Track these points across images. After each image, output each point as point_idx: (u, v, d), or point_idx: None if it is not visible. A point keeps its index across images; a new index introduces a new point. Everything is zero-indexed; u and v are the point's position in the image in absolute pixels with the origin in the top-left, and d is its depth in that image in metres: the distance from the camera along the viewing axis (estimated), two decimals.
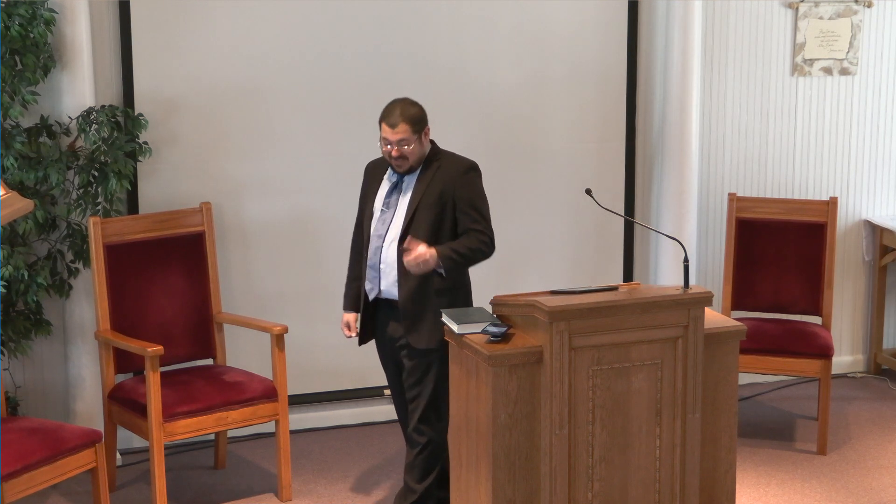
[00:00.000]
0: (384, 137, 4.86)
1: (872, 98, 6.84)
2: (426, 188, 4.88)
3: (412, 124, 4.85)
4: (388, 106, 4.90)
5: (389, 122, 4.84)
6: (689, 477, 4.54)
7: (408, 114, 4.86)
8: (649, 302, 4.42)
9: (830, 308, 6.19)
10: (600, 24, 6.41)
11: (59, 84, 5.60)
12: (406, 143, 4.84)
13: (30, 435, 4.91)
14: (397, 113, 4.84)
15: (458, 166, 4.95)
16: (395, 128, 4.83)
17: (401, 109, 4.86)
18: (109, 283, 5.50)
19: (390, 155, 4.87)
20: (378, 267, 4.93)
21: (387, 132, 4.84)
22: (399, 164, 4.89)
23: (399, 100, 4.91)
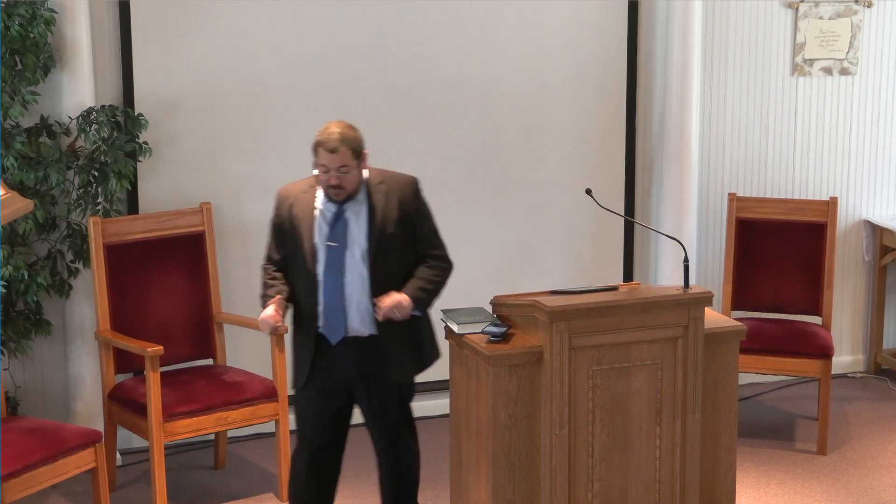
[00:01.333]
0: (322, 164, 4.44)
1: (872, 98, 6.84)
2: (384, 214, 4.52)
3: (352, 149, 4.45)
4: (323, 131, 4.48)
5: (328, 146, 4.43)
6: (689, 477, 4.54)
7: (348, 138, 4.45)
8: (649, 302, 4.42)
9: (830, 308, 6.19)
10: (600, 24, 6.41)
11: (59, 84, 5.60)
12: (347, 170, 4.44)
13: (30, 435, 4.91)
14: (336, 137, 4.43)
15: (407, 186, 4.60)
16: (335, 153, 4.42)
17: (339, 133, 4.45)
18: (109, 283, 5.50)
19: (328, 183, 4.46)
20: (342, 307, 4.52)
21: (325, 158, 4.43)
22: (336, 193, 4.48)
23: (336, 123, 4.51)
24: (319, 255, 4.53)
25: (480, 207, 6.38)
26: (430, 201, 6.29)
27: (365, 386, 4.62)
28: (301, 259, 4.56)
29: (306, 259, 4.54)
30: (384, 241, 4.52)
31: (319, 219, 4.54)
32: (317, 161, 4.47)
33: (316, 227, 4.54)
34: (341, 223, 4.52)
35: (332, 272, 4.52)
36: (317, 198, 4.56)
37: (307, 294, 4.57)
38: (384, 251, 4.52)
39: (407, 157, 6.24)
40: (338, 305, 4.53)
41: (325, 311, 4.54)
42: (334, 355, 4.59)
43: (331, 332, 4.56)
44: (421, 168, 6.23)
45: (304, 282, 4.57)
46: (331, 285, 4.52)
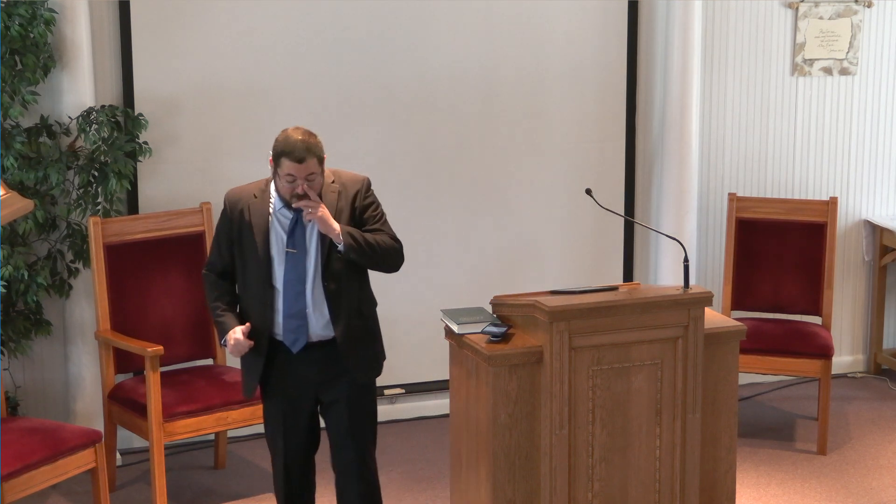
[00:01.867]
0: (288, 174, 4.27)
1: (872, 98, 6.84)
2: (336, 213, 4.39)
3: (318, 156, 4.30)
4: (286, 140, 4.30)
5: (295, 156, 4.26)
6: (689, 477, 4.54)
7: (312, 145, 4.29)
8: (649, 302, 4.42)
9: (830, 308, 6.19)
10: (600, 24, 6.41)
11: (59, 84, 5.60)
12: (313, 178, 4.30)
13: (30, 435, 4.91)
14: (301, 146, 4.26)
15: (356, 183, 4.47)
16: (303, 162, 4.26)
17: (303, 142, 4.28)
18: (109, 283, 5.50)
19: (294, 192, 4.29)
20: (304, 313, 4.38)
21: (292, 168, 4.26)
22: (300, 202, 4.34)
23: (295, 130, 4.34)
24: (276, 263, 4.39)
25: (480, 207, 6.37)
26: (430, 201, 6.33)
27: (330, 391, 4.49)
28: (255, 267, 4.41)
29: (261, 267, 4.39)
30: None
31: (276, 225, 4.39)
32: (281, 171, 4.29)
33: (273, 235, 4.39)
34: (299, 228, 4.38)
35: (293, 279, 4.37)
36: (271, 203, 4.41)
37: (260, 302, 4.41)
38: (336, 250, 4.37)
39: (406, 157, 6.25)
40: (299, 312, 4.39)
41: (286, 319, 4.40)
42: (295, 362, 4.45)
43: (292, 340, 4.42)
44: (421, 168, 6.25)
45: (256, 290, 4.42)
46: (292, 293, 4.38)
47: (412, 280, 6.27)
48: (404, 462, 5.85)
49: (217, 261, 4.53)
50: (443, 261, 6.34)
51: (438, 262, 6.34)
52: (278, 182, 4.34)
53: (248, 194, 4.45)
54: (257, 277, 4.41)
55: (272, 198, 4.41)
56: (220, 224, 4.50)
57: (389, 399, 6.33)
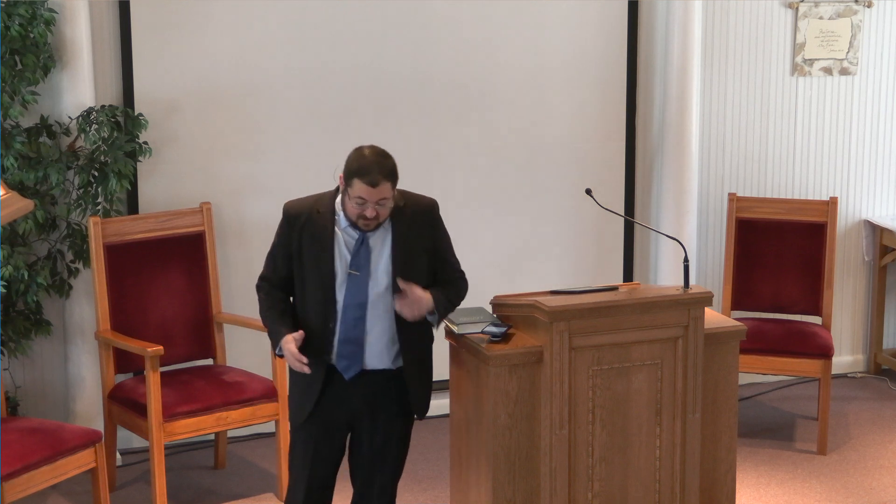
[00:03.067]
0: (359, 196, 4.06)
1: (872, 98, 6.84)
2: (406, 240, 4.20)
3: (392, 180, 4.10)
4: (359, 158, 4.09)
5: (369, 180, 4.04)
6: (689, 477, 4.54)
7: (387, 168, 4.08)
8: (649, 302, 4.42)
9: (830, 308, 6.19)
10: (600, 24, 6.41)
11: (59, 84, 5.60)
12: (384, 203, 4.11)
13: (30, 435, 4.91)
14: (376, 169, 4.05)
15: (426, 208, 4.30)
16: (376, 186, 4.05)
17: (378, 164, 4.07)
18: (109, 283, 5.50)
19: (363, 214, 4.10)
20: (362, 340, 4.19)
21: (364, 191, 4.05)
22: (368, 224, 4.14)
23: (369, 149, 4.13)
24: (339, 284, 4.18)
25: (480, 207, 6.37)
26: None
27: (371, 421, 4.31)
28: (317, 285, 4.20)
29: (325, 287, 4.18)
30: (409, 269, 4.20)
31: (340, 243, 4.19)
32: (351, 192, 4.08)
33: (337, 253, 4.18)
34: (364, 250, 4.18)
35: (353, 303, 4.17)
36: (336, 220, 4.20)
37: (320, 323, 4.21)
38: (409, 279, 4.19)
39: (406, 158, 6.22)
40: (356, 338, 4.20)
41: (341, 343, 4.21)
42: (345, 388, 4.26)
43: (346, 366, 4.23)
44: (420, 168, 6.25)
45: (317, 310, 4.21)
46: (351, 317, 4.18)
47: None
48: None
49: (272, 275, 4.30)
50: None
51: None
52: (347, 202, 4.12)
53: (311, 208, 4.23)
54: (319, 296, 4.19)
55: (337, 214, 4.19)
56: (279, 237, 4.26)
57: None
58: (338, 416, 4.30)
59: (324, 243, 4.18)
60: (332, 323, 4.20)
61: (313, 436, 4.31)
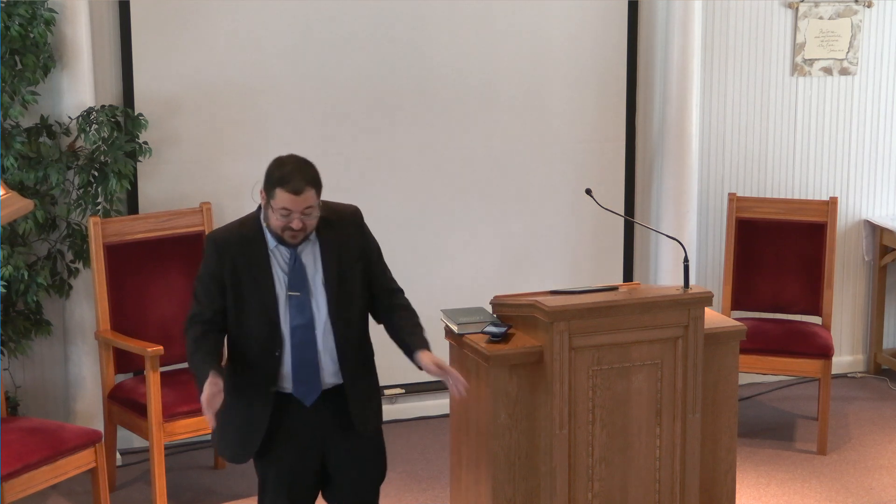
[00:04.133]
0: (283, 207, 3.85)
1: (872, 98, 6.84)
2: (335, 251, 3.99)
3: (316, 187, 3.90)
4: (279, 168, 3.90)
5: (292, 187, 3.84)
6: (689, 477, 4.54)
7: (310, 175, 3.89)
8: (649, 302, 4.42)
9: (830, 308, 6.19)
10: (600, 24, 6.41)
11: (59, 84, 5.60)
12: (310, 211, 3.89)
13: (30, 435, 4.91)
14: (298, 176, 3.85)
15: (350, 215, 4.08)
16: (300, 194, 3.84)
17: (300, 171, 3.88)
18: (109, 283, 5.50)
19: (289, 226, 3.88)
20: (316, 361, 3.98)
21: (288, 201, 3.84)
22: (295, 236, 3.91)
23: (288, 157, 3.94)
24: (282, 308, 3.96)
25: (480, 207, 6.37)
26: (430, 201, 6.33)
27: (344, 439, 4.09)
28: (259, 313, 3.96)
29: (268, 313, 3.95)
30: (343, 281, 4.00)
31: (277, 266, 3.97)
32: (274, 203, 3.87)
33: (275, 272, 3.96)
34: (299, 268, 3.97)
35: (300, 325, 3.96)
36: (267, 240, 3.98)
37: (265, 353, 3.97)
38: (344, 293, 4.00)
39: (407, 157, 6.25)
40: (310, 360, 3.97)
41: (296, 369, 3.97)
42: (306, 415, 4.02)
43: (304, 392, 3.99)
44: (421, 168, 6.25)
45: (261, 339, 3.96)
46: (300, 340, 3.96)
47: (412, 280, 6.25)
48: (404, 462, 5.85)
49: (205, 309, 3.99)
50: (443, 261, 6.34)
51: (438, 262, 6.34)
52: (271, 216, 3.91)
53: (238, 233, 4.00)
54: (262, 323, 3.96)
55: (266, 235, 3.98)
56: (207, 269, 3.99)
57: (389, 399, 6.33)
58: (306, 443, 4.04)
59: (260, 268, 3.96)
60: (279, 350, 3.96)
61: (286, 472, 4.06)
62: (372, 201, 6.21)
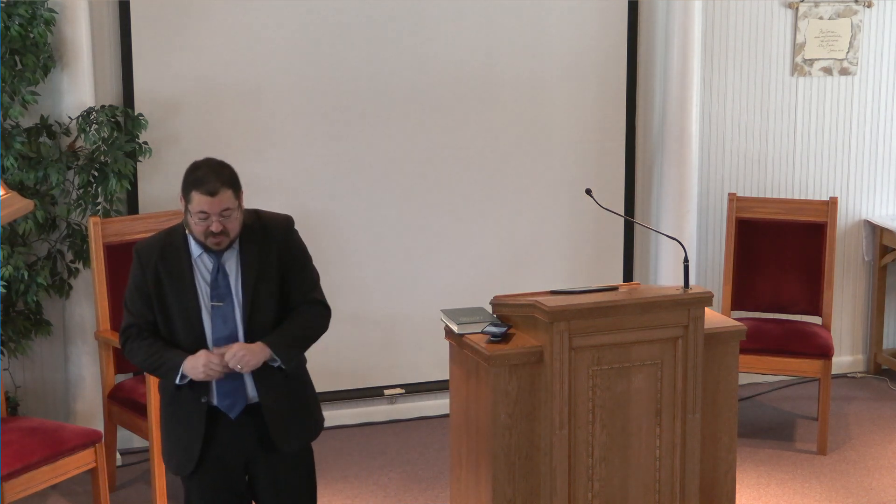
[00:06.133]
0: (201, 211, 3.78)
1: (872, 98, 6.84)
2: (260, 261, 3.91)
3: (233, 187, 3.82)
4: (193, 171, 3.83)
5: (206, 189, 3.77)
6: (689, 477, 4.54)
7: (225, 175, 3.81)
8: (649, 302, 4.42)
9: (830, 308, 6.19)
10: (600, 24, 6.41)
11: (59, 84, 5.60)
12: (229, 213, 3.81)
13: (30, 435, 4.91)
14: (213, 177, 3.78)
15: (281, 226, 3.99)
16: (215, 195, 3.77)
17: (214, 172, 3.80)
18: (109, 283, 5.50)
19: (209, 232, 3.81)
20: (240, 374, 3.90)
21: (204, 203, 3.77)
22: (219, 242, 3.84)
23: (203, 161, 3.87)
24: (205, 318, 3.89)
25: (480, 207, 6.37)
26: (430, 201, 6.32)
27: (267, 460, 4.01)
28: (182, 324, 3.89)
29: (191, 323, 3.88)
30: (260, 290, 3.91)
31: (199, 275, 3.90)
32: (192, 207, 3.81)
33: (198, 286, 3.89)
34: (222, 277, 3.89)
35: (223, 336, 3.88)
36: (190, 248, 3.91)
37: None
38: (261, 302, 3.91)
39: (406, 157, 6.25)
40: (234, 374, 3.88)
41: (219, 381, 3.88)
42: (234, 428, 3.95)
43: (230, 404, 3.92)
44: (421, 168, 6.25)
45: (188, 349, 3.88)
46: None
47: (412, 280, 6.27)
48: (404, 462, 5.85)
49: (137, 320, 3.93)
50: (443, 261, 6.34)
51: (438, 262, 6.34)
52: (190, 221, 3.85)
53: (162, 243, 3.93)
54: (186, 336, 3.90)
55: (190, 243, 3.91)
56: (133, 280, 3.94)
57: (389, 399, 6.33)
58: (232, 459, 3.98)
59: (182, 278, 3.88)
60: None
61: (211, 488, 3.99)
62: (371, 201, 6.22)
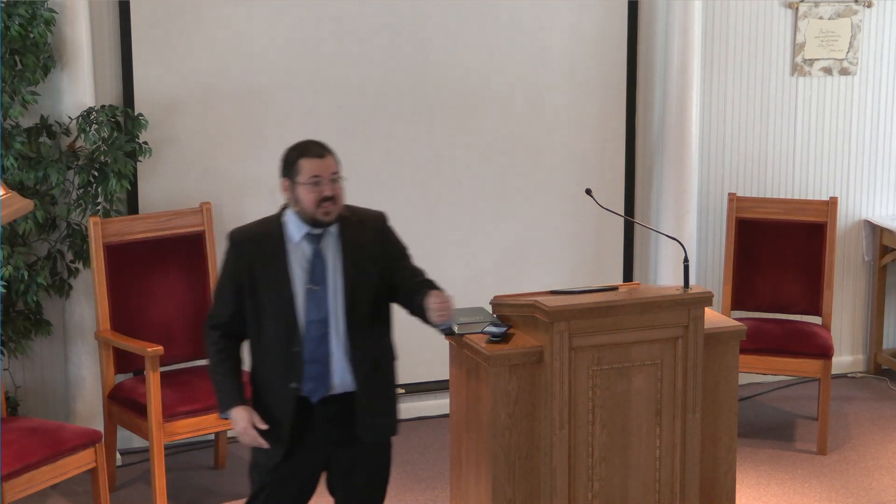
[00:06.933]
0: (313, 176, 3.88)
1: (872, 98, 6.84)
2: (360, 249, 3.98)
3: (335, 156, 3.96)
4: (295, 147, 3.97)
5: (315, 152, 3.91)
6: (689, 477, 4.54)
7: (327, 146, 3.95)
8: (649, 302, 4.42)
9: (830, 308, 6.19)
10: (600, 24, 6.41)
11: (59, 84, 5.60)
12: (337, 177, 3.92)
13: (30, 435, 4.91)
14: (316, 145, 3.94)
15: (376, 219, 4.08)
16: (324, 157, 3.90)
17: (315, 142, 3.96)
18: (109, 283, 5.50)
19: (321, 197, 3.89)
20: (327, 359, 3.94)
21: (315, 166, 3.89)
22: (328, 211, 3.91)
23: (299, 142, 4.01)
24: (299, 303, 3.93)
25: (480, 207, 6.38)
26: (430, 201, 6.33)
27: (348, 454, 4.05)
28: (276, 309, 3.94)
29: (285, 308, 3.92)
30: (361, 279, 3.97)
31: (294, 261, 3.95)
32: (301, 177, 3.90)
33: (292, 271, 3.94)
34: (319, 263, 3.94)
35: (315, 319, 3.93)
36: (287, 237, 3.97)
37: (285, 349, 3.95)
38: (362, 291, 3.97)
39: (406, 157, 6.25)
40: (321, 358, 3.94)
41: (307, 365, 3.94)
42: (315, 419, 3.99)
43: (312, 388, 3.95)
44: (420, 168, 6.25)
45: (279, 336, 3.95)
46: (314, 335, 3.94)
47: None
48: (404, 462, 5.85)
49: (222, 309, 4.01)
50: (443, 261, 6.34)
51: (438, 261, 6.33)
52: (301, 193, 3.92)
53: (258, 231, 4.00)
54: (280, 319, 3.94)
55: (287, 230, 3.98)
56: (226, 266, 4.00)
57: None
58: (312, 454, 4.03)
59: (278, 263, 3.93)
60: (298, 346, 3.93)
61: (284, 473, 4.03)
62: (371, 201, 6.21)
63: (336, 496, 4.16)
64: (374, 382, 4.02)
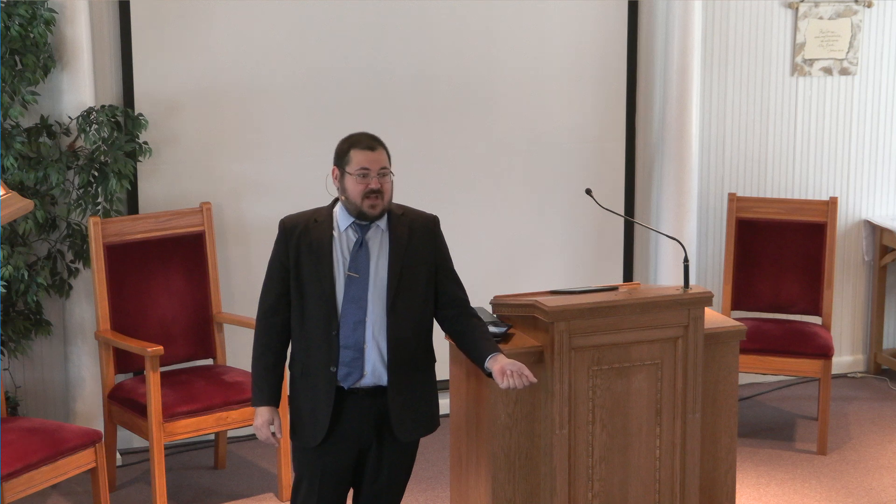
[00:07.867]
0: (361, 168, 3.97)
1: (872, 98, 6.84)
2: (406, 246, 4.06)
3: (387, 150, 4.04)
4: (348, 138, 4.06)
5: (366, 145, 4.00)
6: (689, 477, 4.54)
7: (379, 139, 4.04)
8: (649, 302, 4.42)
9: (830, 308, 6.19)
10: (600, 24, 6.41)
11: (59, 84, 5.60)
12: (385, 172, 4.01)
13: (30, 435, 4.91)
14: (368, 138, 4.03)
15: (428, 221, 4.16)
16: (375, 150, 3.99)
17: (368, 135, 4.04)
18: (109, 283, 5.50)
19: (368, 190, 3.98)
20: (362, 346, 4.01)
21: (364, 158, 3.98)
22: (375, 204, 3.99)
23: (353, 133, 4.09)
24: (339, 288, 4.02)
25: (480, 207, 6.38)
26: (430, 201, 6.31)
27: (378, 446, 4.14)
28: (318, 292, 4.03)
29: (325, 292, 4.01)
30: (406, 275, 4.05)
31: (338, 247, 4.05)
32: (350, 167, 3.99)
33: (335, 257, 4.03)
34: (363, 253, 4.03)
35: (353, 307, 4.01)
36: (335, 224, 4.07)
37: (325, 333, 4.03)
38: (405, 288, 4.05)
39: (406, 157, 6.24)
40: (356, 343, 4.02)
41: (343, 350, 4.02)
42: (352, 407, 4.07)
43: (346, 373, 4.03)
44: (421, 168, 6.25)
45: (319, 319, 4.03)
46: (351, 320, 4.01)
47: None
48: None
49: (270, 292, 4.11)
50: None
51: None
52: (349, 183, 4.01)
53: (308, 218, 4.09)
54: (321, 302, 4.02)
55: (336, 221, 4.07)
56: (275, 251, 4.11)
57: None
58: (347, 444, 4.10)
59: (322, 248, 4.03)
60: (336, 330, 4.01)
61: (324, 458, 4.11)
62: None
63: (358, 489, 4.24)
64: (409, 379, 4.10)
